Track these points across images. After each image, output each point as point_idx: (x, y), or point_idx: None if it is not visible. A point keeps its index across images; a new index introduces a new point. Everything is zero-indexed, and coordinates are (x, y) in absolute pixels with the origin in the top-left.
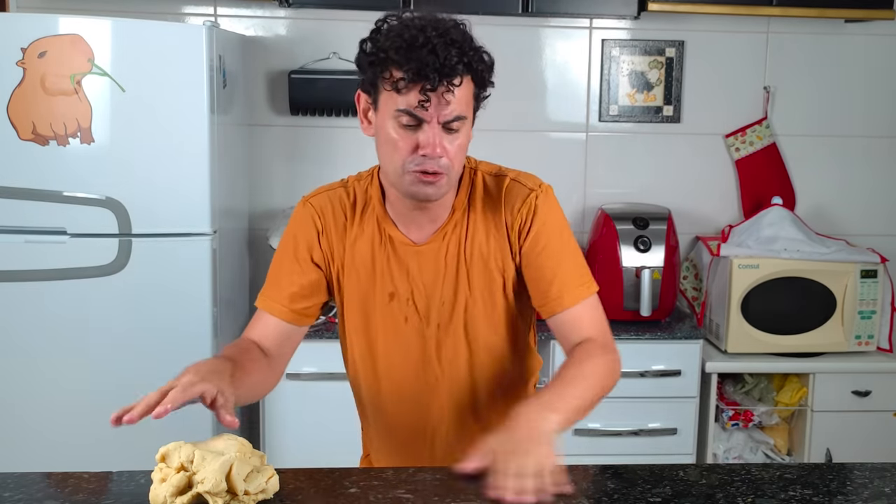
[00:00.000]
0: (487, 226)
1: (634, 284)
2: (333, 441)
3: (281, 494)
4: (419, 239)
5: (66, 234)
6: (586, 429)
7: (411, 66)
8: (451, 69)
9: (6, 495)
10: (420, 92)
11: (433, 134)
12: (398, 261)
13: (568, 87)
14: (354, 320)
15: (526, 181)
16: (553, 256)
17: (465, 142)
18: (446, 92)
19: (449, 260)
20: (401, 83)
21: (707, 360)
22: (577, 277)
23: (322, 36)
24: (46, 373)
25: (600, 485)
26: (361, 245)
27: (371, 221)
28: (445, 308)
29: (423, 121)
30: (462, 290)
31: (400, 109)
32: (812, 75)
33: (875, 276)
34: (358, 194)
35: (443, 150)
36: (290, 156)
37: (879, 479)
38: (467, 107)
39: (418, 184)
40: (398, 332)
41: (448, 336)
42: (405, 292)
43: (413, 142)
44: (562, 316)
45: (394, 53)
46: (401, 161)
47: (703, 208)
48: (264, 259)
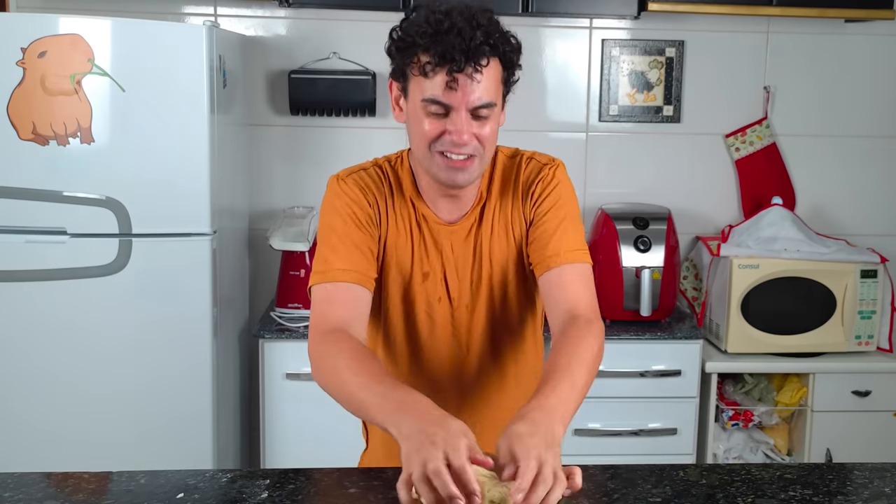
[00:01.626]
0: (506, 203)
1: (634, 284)
2: (333, 441)
3: (281, 494)
4: (450, 219)
5: (66, 234)
6: (586, 429)
7: (437, 49)
8: (476, 50)
9: (6, 495)
10: (447, 74)
11: (461, 120)
12: (434, 241)
13: (568, 87)
14: (395, 297)
15: (541, 158)
16: (556, 220)
17: (495, 127)
18: (474, 73)
19: (478, 240)
20: (427, 67)
21: (707, 360)
22: (575, 243)
23: (322, 36)
24: (46, 373)
25: (600, 485)
26: (402, 223)
27: (406, 201)
28: (473, 288)
29: (451, 108)
30: (486, 269)
31: (426, 98)
32: (812, 75)
33: (875, 276)
34: (391, 175)
35: (471, 136)
36: (290, 156)
37: (879, 479)
38: (496, 92)
39: (448, 170)
40: (431, 311)
41: (474, 316)
42: (439, 272)
43: (441, 127)
44: (553, 273)
45: (420, 38)
46: (427, 142)
47: (703, 208)
48: (264, 259)
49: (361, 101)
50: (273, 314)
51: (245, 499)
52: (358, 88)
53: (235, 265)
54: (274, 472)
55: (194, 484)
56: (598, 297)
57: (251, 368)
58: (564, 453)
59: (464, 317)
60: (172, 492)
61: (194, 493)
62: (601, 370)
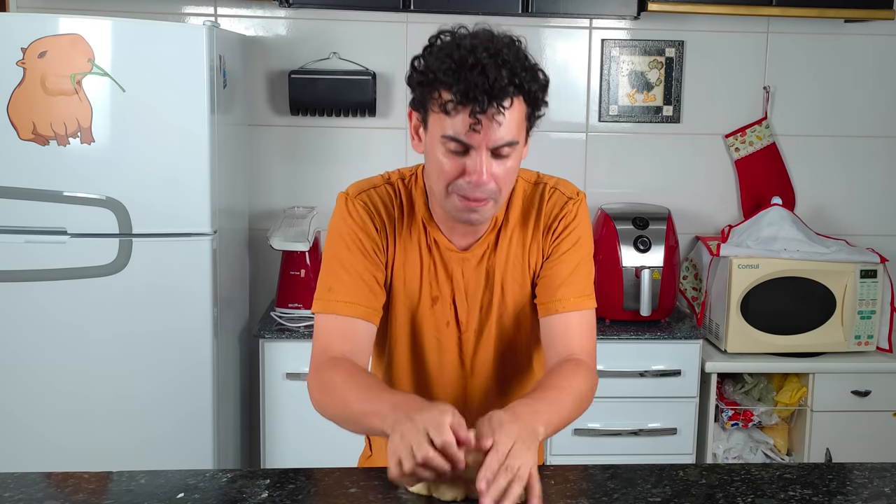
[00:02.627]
0: (526, 232)
1: (634, 284)
2: (333, 441)
3: (281, 494)
4: (462, 245)
5: (66, 234)
6: (586, 429)
7: (460, 88)
8: (501, 91)
9: (6, 495)
10: (469, 115)
11: (480, 161)
12: (444, 266)
13: (568, 87)
14: (402, 321)
15: (565, 189)
16: (572, 262)
17: (515, 164)
18: (496, 114)
19: (489, 267)
20: (449, 105)
21: (707, 360)
22: (584, 288)
23: (322, 36)
24: (46, 373)
25: (600, 485)
26: (411, 247)
27: (417, 224)
28: (483, 313)
29: (472, 147)
30: (497, 296)
31: (446, 136)
32: (812, 75)
33: (875, 276)
34: (403, 195)
35: (489, 177)
36: (290, 156)
37: (879, 479)
38: (518, 131)
39: (463, 211)
40: (440, 335)
41: (482, 341)
42: (448, 297)
43: (460, 167)
44: (557, 318)
45: (442, 74)
46: (445, 183)
47: (703, 208)
48: (264, 259)
49: (361, 101)
50: (273, 314)
51: (245, 499)
52: (358, 88)
53: (235, 265)
54: (274, 472)
55: (194, 484)
56: (598, 297)
57: (251, 368)
58: (564, 453)
59: (471, 341)
60: (173, 492)
61: (194, 493)
62: (601, 370)
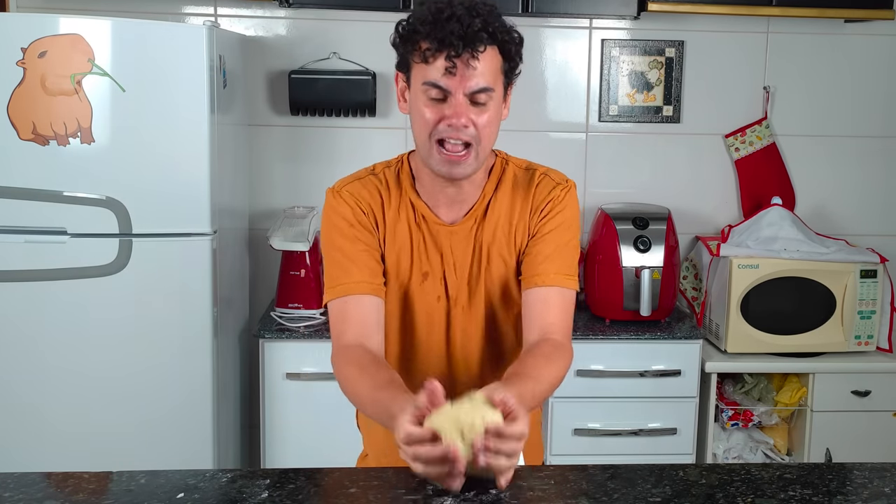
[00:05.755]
0: (514, 211)
1: (634, 284)
2: (333, 441)
3: (281, 494)
4: (450, 219)
5: (66, 234)
6: (586, 428)
7: (436, 35)
8: (474, 36)
9: (6, 495)
10: (445, 59)
11: (458, 104)
12: (433, 241)
13: (568, 87)
14: (392, 299)
15: (555, 176)
16: (555, 242)
17: (493, 117)
18: (471, 59)
19: (477, 242)
20: (427, 52)
21: (707, 360)
22: (567, 268)
23: (322, 36)
24: (46, 373)
25: (600, 485)
26: (400, 226)
27: (405, 203)
28: (471, 287)
29: (449, 92)
30: (484, 268)
31: (426, 82)
32: (812, 75)
33: (875, 276)
34: (389, 179)
35: (468, 121)
36: (290, 156)
37: (879, 479)
38: (494, 79)
39: (446, 163)
40: (430, 310)
41: (470, 314)
42: (438, 271)
43: (440, 113)
44: (537, 292)
45: (421, 25)
46: (428, 132)
47: (703, 208)
48: (264, 259)
49: (361, 101)
50: (273, 314)
51: (245, 499)
52: (358, 88)
53: (235, 265)
54: (274, 472)
55: (194, 484)
56: (598, 297)
57: (251, 368)
58: (564, 453)
59: (459, 315)
60: (173, 492)
61: (194, 493)
62: (601, 370)
